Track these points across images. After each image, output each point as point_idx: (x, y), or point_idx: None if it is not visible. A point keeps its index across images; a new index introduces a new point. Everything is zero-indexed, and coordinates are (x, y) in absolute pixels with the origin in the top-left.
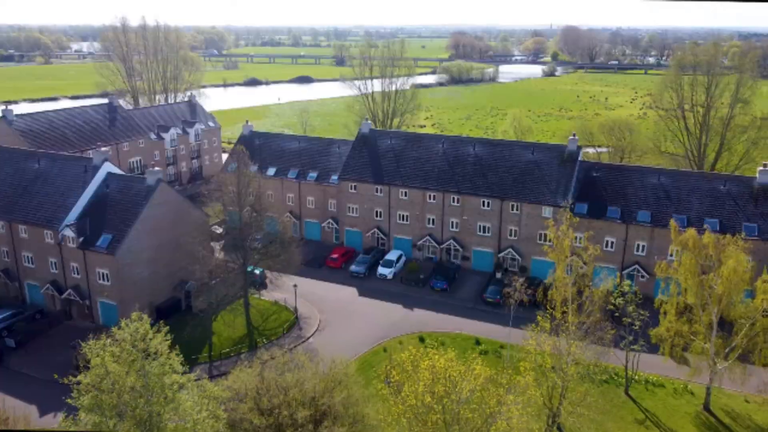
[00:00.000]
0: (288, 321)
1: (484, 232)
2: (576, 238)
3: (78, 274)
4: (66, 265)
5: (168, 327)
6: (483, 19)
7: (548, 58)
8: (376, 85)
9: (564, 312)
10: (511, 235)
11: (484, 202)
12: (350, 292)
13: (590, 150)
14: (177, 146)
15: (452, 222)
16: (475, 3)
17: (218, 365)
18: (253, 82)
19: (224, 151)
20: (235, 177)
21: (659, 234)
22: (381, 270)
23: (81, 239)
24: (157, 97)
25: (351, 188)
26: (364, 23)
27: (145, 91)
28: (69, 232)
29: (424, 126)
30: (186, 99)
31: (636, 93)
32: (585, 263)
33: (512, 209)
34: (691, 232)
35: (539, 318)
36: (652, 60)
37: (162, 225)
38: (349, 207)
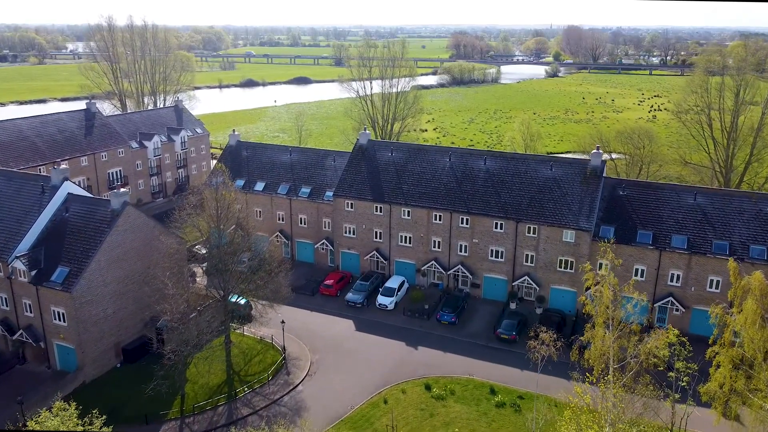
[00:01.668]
0: (274, 363)
1: (496, 257)
2: (601, 266)
3: (31, 312)
4: (18, 302)
5: (104, 414)
6: (482, 19)
7: (550, 58)
8: (376, 87)
9: (604, 377)
10: (527, 260)
11: (496, 223)
12: (346, 325)
13: (604, 156)
14: (161, 155)
15: (461, 245)
16: (475, 3)
17: (190, 422)
18: (249, 84)
19: (213, 158)
20: (212, 196)
21: (697, 262)
22: (381, 299)
23: (34, 273)
24: (145, 100)
25: (347, 206)
26: (364, 23)
27: (133, 94)
28: (20, 265)
29: (426, 130)
30: (174, 103)
31: (643, 95)
32: (627, 310)
33: (529, 232)
34: (758, 276)
35: (576, 389)
36: (655, 60)
37: (129, 254)
38: (346, 227)
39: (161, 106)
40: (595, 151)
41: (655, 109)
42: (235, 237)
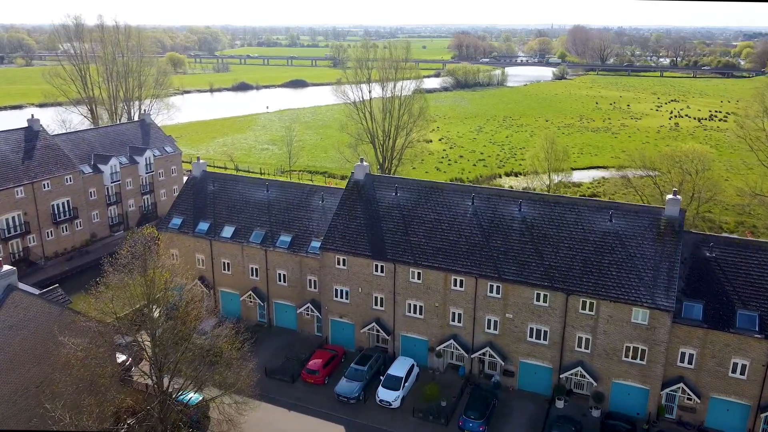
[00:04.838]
0: None
1: (537, 338)
2: (686, 356)
3: None
4: None
5: None
6: (483, 19)
7: (555, 59)
8: (375, 92)
9: None
10: (580, 345)
11: (538, 294)
12: None
13: (633, 173)
14: (121, 180)
15: (489, 321)
16: (475, 2)
17: None
18: (242, 87)
19: (186, 174)
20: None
21: None
22: (383, 394)
23: None
24: (119, 107)
25: (338, 263)
26: (363, 23)
27: (104, 102)
28: None
29: (431, 141)
30: (152, 113)
31: (658, 99)
32: None
33: (583, 308)
34: None
35: None
36: (664, 61)
37: (21, 359)
38: (337, 289)
39: (136, 114)
40: (671, 196)
41: (675, 116)
42: (178, 326)
